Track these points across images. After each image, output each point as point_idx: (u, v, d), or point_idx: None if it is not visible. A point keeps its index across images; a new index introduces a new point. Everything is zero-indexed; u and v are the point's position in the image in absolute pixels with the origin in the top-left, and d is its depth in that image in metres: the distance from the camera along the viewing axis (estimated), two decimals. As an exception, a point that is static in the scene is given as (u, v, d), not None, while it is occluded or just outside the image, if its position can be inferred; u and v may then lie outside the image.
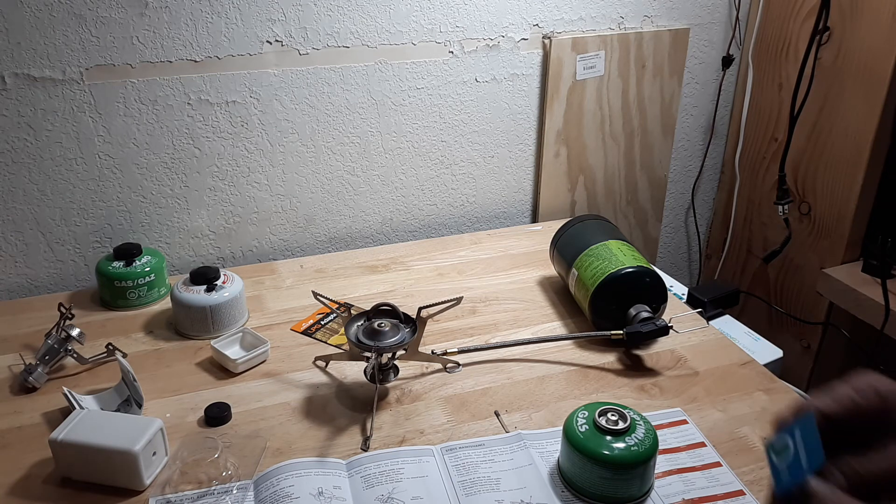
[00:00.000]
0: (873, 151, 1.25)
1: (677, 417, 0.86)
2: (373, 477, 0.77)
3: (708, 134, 1.55)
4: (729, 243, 1.59)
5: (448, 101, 1.29)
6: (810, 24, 1.29)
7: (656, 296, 1.00)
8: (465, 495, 0.75)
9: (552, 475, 0.78)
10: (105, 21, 1.05)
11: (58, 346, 0.93)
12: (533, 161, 1.40)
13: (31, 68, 1.04)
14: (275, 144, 1.21)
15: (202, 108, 1.15)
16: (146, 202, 1.18)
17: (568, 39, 1.31)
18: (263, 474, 0.77)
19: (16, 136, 1.07)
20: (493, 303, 1.12)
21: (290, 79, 1.18)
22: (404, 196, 1.34)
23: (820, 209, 1.37)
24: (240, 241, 1.26)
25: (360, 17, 1.18)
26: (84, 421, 0.77)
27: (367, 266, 1.22)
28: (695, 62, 1.46)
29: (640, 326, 0.95)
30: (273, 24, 1.14)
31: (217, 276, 1.02)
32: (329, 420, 0.86)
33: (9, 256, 1.14)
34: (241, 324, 1.04)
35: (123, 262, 1.08)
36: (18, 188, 1.10)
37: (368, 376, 0.89)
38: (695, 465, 0.80)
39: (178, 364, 0.97)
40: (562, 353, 1.00)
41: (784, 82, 1.40)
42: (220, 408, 0.86)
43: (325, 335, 1.03)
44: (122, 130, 1.12)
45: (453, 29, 1.24)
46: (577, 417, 0.76)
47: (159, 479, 0.77)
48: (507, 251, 1.28)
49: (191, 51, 1.11)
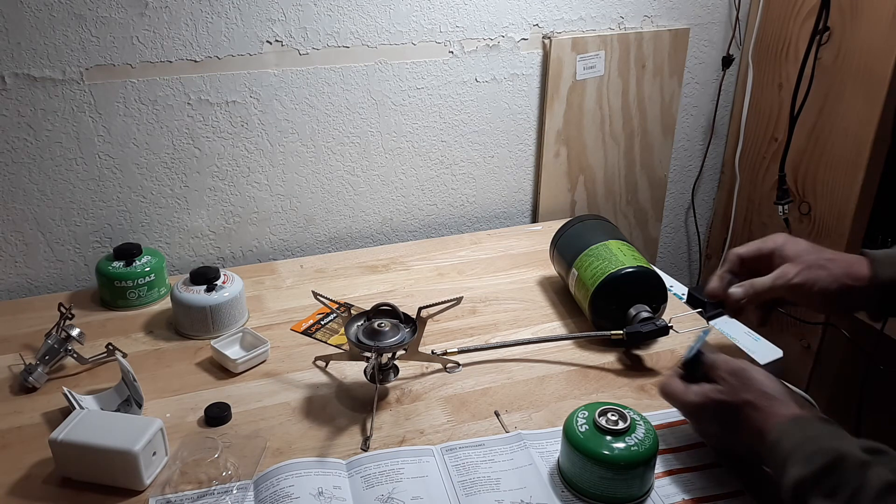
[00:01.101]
0: (873, 151, 1.25)
1: (677, 417, 0.86)
2: (373, 477, 0.77)
3: (708, 134, 1.55)
4: (729, 243, 1.59)
5: (448, 101, 1.29)
6: (810, 24, 1.29)
7: (656, 296, 1.00)
8: (465, 495, 0.75)
9: (552, 475, 0.78)
10: (105, 21, 1.05)
11: (58, 346, 0.93)
12: (533, 161, 1.40)
13: (31, 68, 1.04)
14: (275, 144, 1.21)
15: (202, 108, 1.15)
16: (146, 202, 1.18)
17: (568, 39, 1.31)
18: (263, 474, 0.77)
19: (16, 136, 1.07)
20: (493, 303, 1.12)
21: (290, 79, 1.18)
22: (404, 196, 1.34)
23: (820, 209, 1.37)
24: (240, 241, 1.26)
25: (360, 17, 1.18)
26: (84, 421, 0.77)
27: (367, 266, 1.22)
28: (695, 62, 1.46)
29: (640, 326, 0.95)
30: (273, 24, 1.14)
31: (217, 276, 1.02)
32: (329, 420, 0.86)
33: (9, 256, 1.14)
34: (241, 324, 1.04)
35: (123, 262, 1.08)
36: (18, 188, 1.10)
37: (368, 376, 0.89)
38: (695, 465, 0.80)
39: (178, 364, 0.97)
40: (562, 353, 1.00)
41: (784, 82, 1.40)
42: (220, 408, 0.86)
43: (325, 335, 1.03)
44: (122, 130, 1.12)
45: (453, 29, 1.24)
46: (577, 417, 0.76)
47: (159, 479, 0.77)
48: (507, 251, 1.28)
49: (191, 51, 1.11)
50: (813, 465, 0.63)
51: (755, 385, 0.72)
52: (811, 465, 0.63)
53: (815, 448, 0.64)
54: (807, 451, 0.64)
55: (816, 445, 0.64)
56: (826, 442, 0.64)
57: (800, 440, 0.66)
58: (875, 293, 0.79)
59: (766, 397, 0.71)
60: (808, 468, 0.63)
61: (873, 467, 0.61)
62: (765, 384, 0.72)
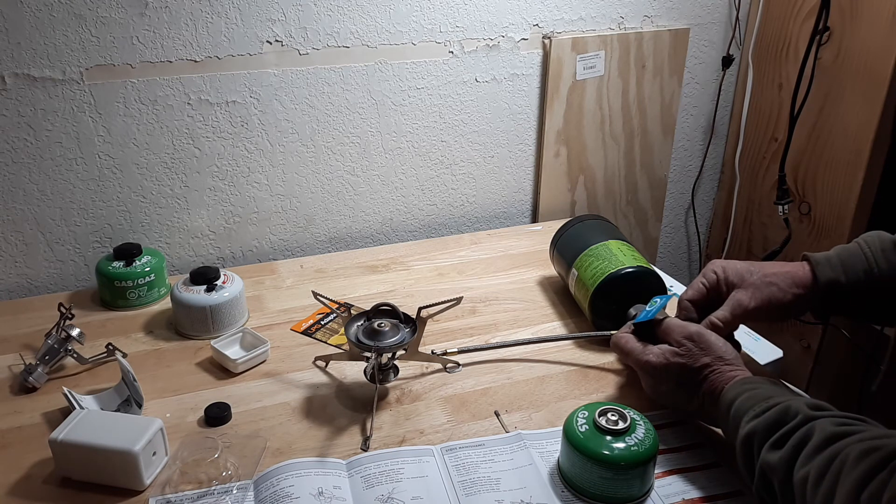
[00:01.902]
0: (873, 151, 1.25)
1: (677, 417, 0.86)
2: (373, 477, 0.77)
3: (708, 134, 1.55)
4: (729, 243, 1.59)
5: (448, 101, 1.29)
6: (810, 24, 1.29)
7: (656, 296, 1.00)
8: (465, 495, 0.75)
9: (552, 475, 0.78)
10: (105, 21, 1.05)
11: (58, 346, 0.93)
12: (533, 161, 1.40)
13: (31, 68, 1.04)
14: (275, 144, 1.21)
15: (202, 108, 1.15)
16: (146, 202, 1.18)
17: (568, 39, 1.31)
18: (263, 474, 0.77)
19: (16, 136, 1.07)
20: (493, 303, 1.12)
21: (290, 79, 1.18)
22: (404, 196, 1.34)
23: (820, 209, 1.37)
24: (240, 241, 1.26)
25: (360, 17, 1.18)
26: (84, 421, 0.77)
27: (367, 266, 1.22)
28: (695, 62, 1.46)
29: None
30: (273, 24, 1.14)
31: (217, 276, 1.02)
32: (329, 420, 0.86)
33: (9, 256, 1.14)
34: (241, 324, 1.04)
35: (123, 262, 1.08)
36: (18, 188, 1.10)
37: (368, 376, 0.89)
38: (695, 465, 0.80)
39: (178, 364, 0.97)
40: (562, 353, 1.00)
41: (784, 82, 1.40)
42: (220, 408, 0.86)
43: (325, 335, 1.03)
44: (122, 130, 1.12)
45: (453, 29, 1.24)
46: (577, 417, 0.76)
47: (159, 479, 0.77)
48: (507, 251, 1.28)
49: (191, 51, 1.11)
50: (762, 419, 0.68)
51: (713, 349, 0.79)
52: (760, 420, 0.68)
53: (765, 405, 0.69)
54: (757, 409, 0.70)
55: (766, 403, 0.70)
56: (774, 399, 0.70)
57: (750, 398, 0.71)
58: (817, 296, 0.83)
59: (722, 361, 0.78)
60: (758, 423, 0.68)
61: (818, 420, 0.65)
62: (721, 349, 0.79)
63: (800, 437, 0.65)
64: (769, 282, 0.84)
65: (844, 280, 0.82)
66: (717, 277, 0.87)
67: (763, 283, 0.84)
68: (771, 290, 0.83)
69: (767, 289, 0.83)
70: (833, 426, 0.64)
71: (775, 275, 0.84)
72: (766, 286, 0.84)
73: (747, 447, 0.69)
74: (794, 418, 0.66)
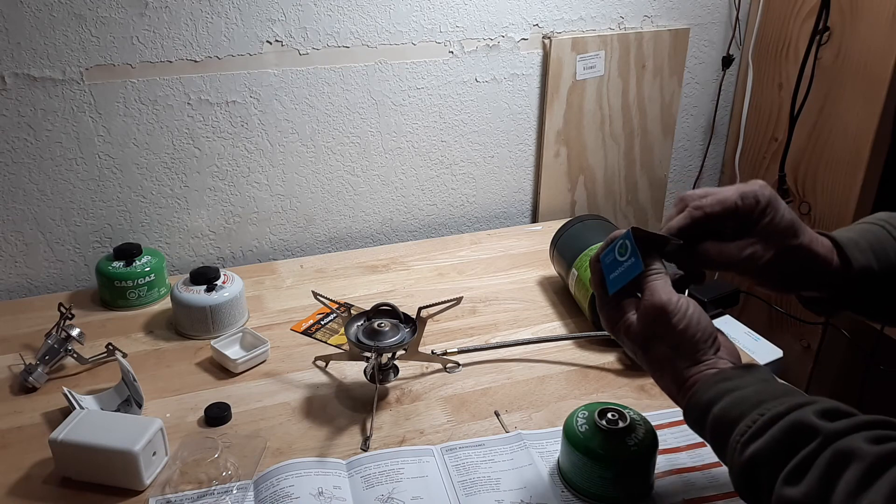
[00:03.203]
0: (873, 151, 1.25)
1: (677, 417, 0.86)
2: (373, 477, 0.77)
3: (708, 134, 1.55)
4: (729, 243, 1.59)
5: (448, 101, 1.29)
6: (810, 24, 1.29)
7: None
8: (465, 495, 0.75)
9: (552, 475, 0.78)
10: (105, 21, 1.05)
11: (58, 346, 0.93)
12: (533, 161, 1.40)
13: (31, 68, 1.04)
14: (275, 144, 1.21)
15: (202, 108, 1.15)
16: (146, 202, 1.18)
17: (568, 39, 1.31)
18: (263, 474, 0.77)
19: (16, 136, 1.07)
20: (493, 303, 1.12)
21: (290, 79, 1.18)
22: (404, 196, 1.34)
23: (820, 209, 1.37)
24: (240, 241, 1.26)
25: (360, 17, 1.18)
26: (84, 421, 0.77)
27: (367, 266, 1.22)
28: (695, 62, 1.46)
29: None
30: (273, 24, 1.14)
31: (217, 276, 1.02)
32: (329, 420, 0.86)
33: (9, 256, 1.14)
34: (241, 324, 1.04)
35: (123, 262, 1.08)
36: (18, 188, 1.10)
37: (368, 376, 0.89)
38: (695, 465, 0.80)
39: (178, 364, 0.97)
40: (562, 353, 1.00)
41: (784, 82, 1.40)
42: (220, 408, 0.86)
43: (325, 335, 1.03)
44: (122, 130, 1.12)
45: (453, 29, 1.24)
46: (577, 417, 0.76)
47: (159, 479, 0.77)
48: (507, 251, 1.28)
49: (191, 51, 1.11)
50: (765, 442, 0.54)
51: (673, 334, 0.62)
52: (763, 443, 0.54)
53: (761, 421, 0.55)
54: (752, 425, 0.56)
55: (760, 415, 0.56)
56: (769, 408, 0.56)
57: (735, 404, 0.58)
58: (845, 283, 0.69)
59: (682, 349, 0.63)
60: (761, 447, 0.54)
61: (845, 440, 0.51)
62: (688, 330, 0.62)
63: (827, 464, 0.51)
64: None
65: (877, 268, 0.67)
66: (757, 201, 0.65)
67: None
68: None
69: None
70: (868, 444, 0.50)
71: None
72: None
73: (750, 478, 0.56)
74: (810, 439, 0.53)
